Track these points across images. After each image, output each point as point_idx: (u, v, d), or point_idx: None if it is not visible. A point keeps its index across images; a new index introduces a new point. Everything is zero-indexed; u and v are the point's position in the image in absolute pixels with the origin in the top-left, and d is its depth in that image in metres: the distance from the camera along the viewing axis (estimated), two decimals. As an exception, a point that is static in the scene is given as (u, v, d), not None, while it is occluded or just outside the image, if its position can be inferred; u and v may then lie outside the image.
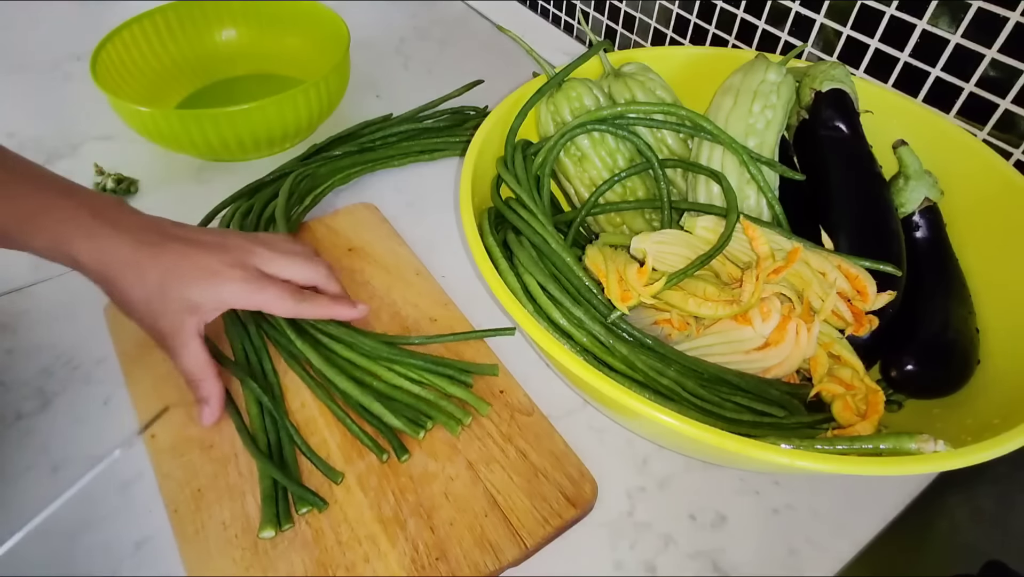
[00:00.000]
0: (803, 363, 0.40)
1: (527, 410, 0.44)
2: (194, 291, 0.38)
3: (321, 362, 0.43)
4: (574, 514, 0.39)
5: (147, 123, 0.56)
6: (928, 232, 0.46)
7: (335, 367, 0.43)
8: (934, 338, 0.41)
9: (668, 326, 0.41)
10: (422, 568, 0.36)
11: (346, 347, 0.44)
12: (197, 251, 0.39)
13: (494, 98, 0.66)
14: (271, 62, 0.74)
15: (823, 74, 0.47)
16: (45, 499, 0.37)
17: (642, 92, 0.50)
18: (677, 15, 0.69)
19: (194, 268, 0.38)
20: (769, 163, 0.46)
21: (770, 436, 0.35)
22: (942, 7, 0.48)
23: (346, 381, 0.42)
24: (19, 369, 0.45)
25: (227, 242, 0.41)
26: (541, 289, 0.38)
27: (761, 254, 0.40)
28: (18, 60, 0.78)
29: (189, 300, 0.38)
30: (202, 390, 0.40)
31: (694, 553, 0.39)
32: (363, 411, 0.42)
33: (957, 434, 0.35)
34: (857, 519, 0.40)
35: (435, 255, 0.55)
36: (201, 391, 0.40)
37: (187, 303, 0.38)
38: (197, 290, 0.38)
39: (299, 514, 0.38)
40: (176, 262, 0.38)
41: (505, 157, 0.47)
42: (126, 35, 0.65)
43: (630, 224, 0.49)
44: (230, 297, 0.39)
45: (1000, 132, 0.49)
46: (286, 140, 0.63)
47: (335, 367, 0.43)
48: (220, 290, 0.39)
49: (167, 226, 0.40)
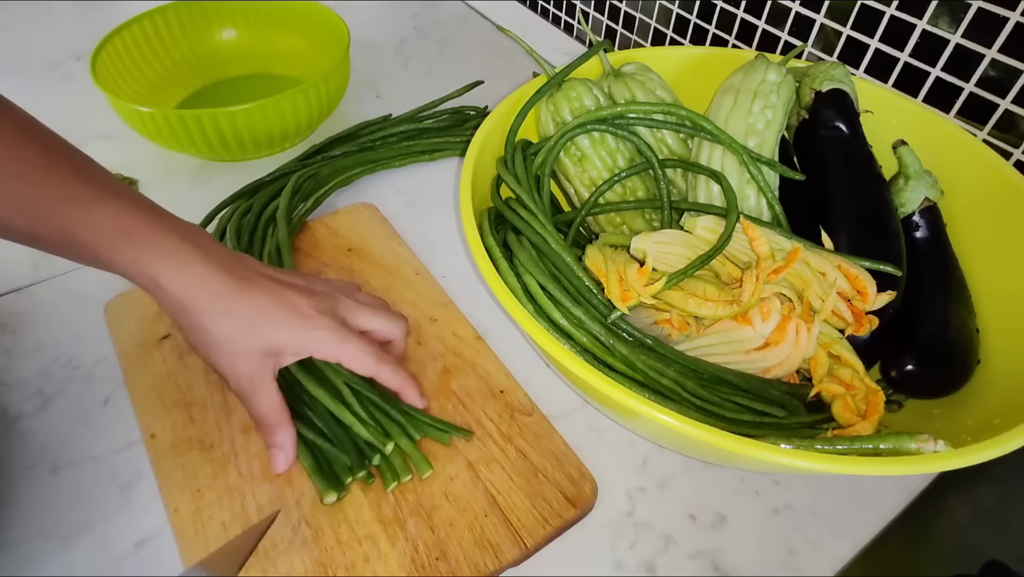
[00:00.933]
0: (803, 363, 0.40)
1: (527, 410, 0.44)
2: (282, 333, 0.36)
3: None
4: (574, 514, 0.39)
5: (147, 123, 0.56)
6: (928, 232, 0.46)
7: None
8: (934, 338, 0.41)
9: (668, 326, 0.41)
10: (422, 568, 0.36)
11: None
12: (288, 292, 0.38)
13: (494, 98, 0.66)
14: (271, 62, 0.74)
15: (823, 74, 0.47)
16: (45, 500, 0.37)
17: (642, 92, 0.50)
18: (677, 15, 0.69)
19: (286, 309, 0.37)
20: (769, 163, 0.46)
21: (770, 436, 0.35)
22: (942, 7, 0.48)
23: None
24: (19, 369, 0.45)
25: (314, 287, 0.39)
26: (541, 289, 0.38)
27: (761, 254, 0.40)
28: (18, 60, 0.78)
29: (275, 342, 0.36)
30: (277, 436, 0.38)
31: (694, 553, 0.39)
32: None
33: (957, 434, 0.35)
34: (857, 519, 0.40)
35: (435, 255, 0.55)
36: (276, 437, 0.38)
37: (272, 345, 0.36)
38: (285, 332, 0.37)
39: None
40: (269, 301, 0.37)
41: (505, 157, 0.47)
42: (126, 35, 0.65)
43: (630, 224, 0.49)
44: (314, 345, 0.38)
45: (1000, 132, 0.49)
46: (286, 140, 0.63)
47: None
48: (307, 336, 0.37)
49: (254, 263, 0.39)
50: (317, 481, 0.38)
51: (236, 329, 0.36)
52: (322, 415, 0.41)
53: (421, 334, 0.48)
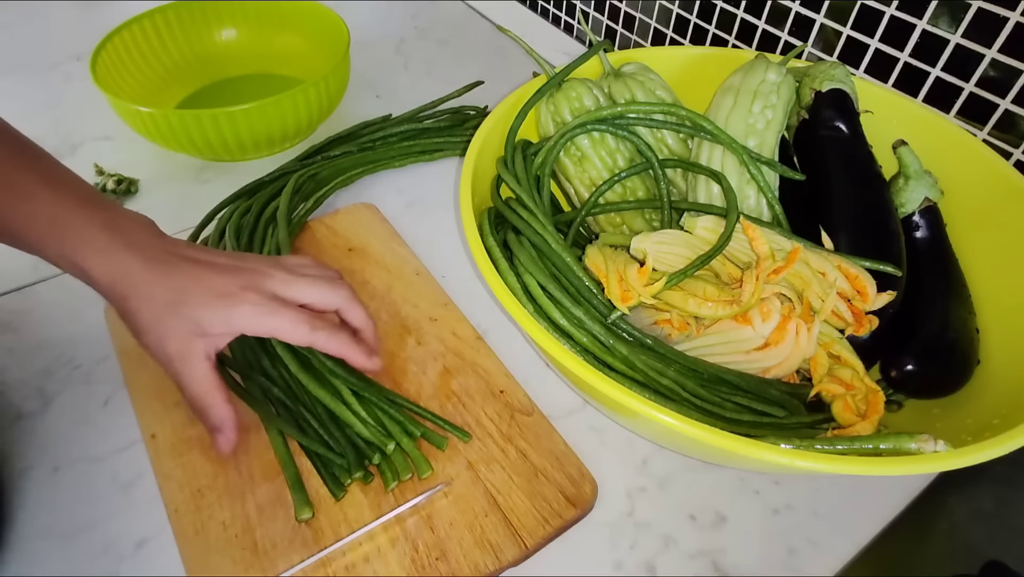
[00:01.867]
0: (803, 363, 0.40)
1: (527, 410, 0.44)
2: (203, 313, 0.36)
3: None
4: (574, 514, 0.39)
5: (147, 123, 0.56)
6: (928, 232, 0.46)
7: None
8: (934, 338, 0.41)
9: (668, 326, 0.41)
10: (422, 568, 0.36)
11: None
12: (209, 272, 0.37)
13: (494, 98, 0.66)
14: (271, 62, 0.74)
15: (823, 74, 0.47)
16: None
17: (642, 92, 0.50)
18: (677, 15, 0.69)
19: (204, 290, 0.37)
20: (769, 163, 0.46)
21: (770, 436, 0.35)
22: (942, 7, 0.48)
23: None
24: (19, 369, 0.45)
25: (242, 265, 0.39)
26: (541, 289, 0.38)
27: (761, 254, 0.40)
28: (18, 60, 0.78)
29: (198, 323, 0.36)
30: (212, 417, 0.37)
31: (694, 553, 0.39)
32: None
33: (957, 434, 0.35)
34: (857, 519, 0.40)
35: (435, 255, 0.55)
36: (211, 418, 0.38)
37: (195, 326, 0.36)
38: (206, 312, 0.36)
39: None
40: (186, 283, 0.37)
41: (505, 157, 0.47)
42: (126, 35, 0.65)
43: (630, 224, 0.49)
44: (240, 321, 0.37)
45: (1000, 132, 0.49)
46: (286, 140, 0.63)
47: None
48: (230, 313, 0.37)
49: (182, 247, 0.39)
50: (295, 496, 0.38)
51: (157, 312, 0.36)
52: (320, 416, 0.41)
53: (421, 334, 0.48)
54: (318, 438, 0.40)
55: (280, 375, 0.43)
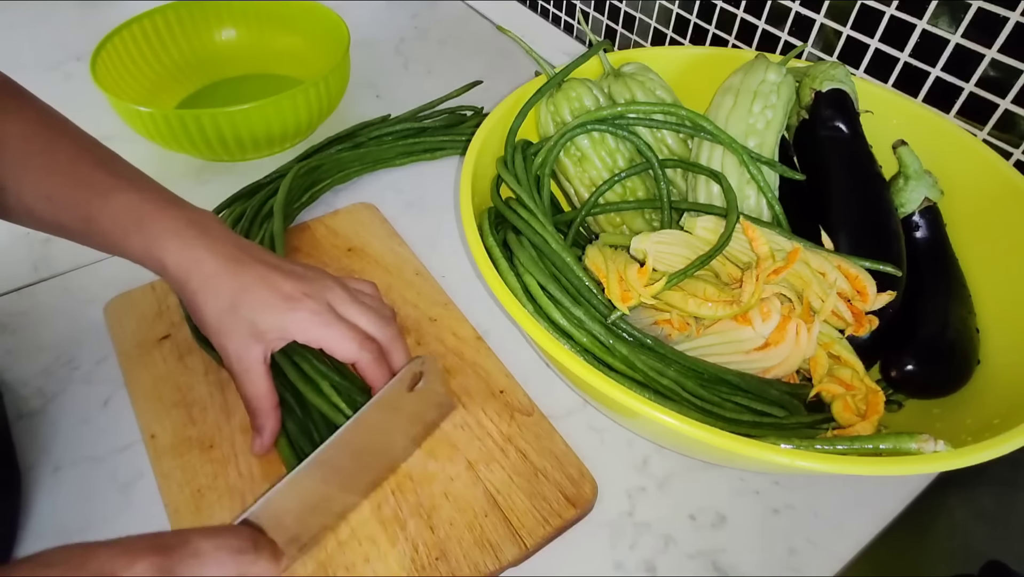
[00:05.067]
0: (803, 363, 0.40)
1: (527, 410, 0.44)
2: (262, 315, 0.37)
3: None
4: (574, 514, 0.39)
5: (147, 123, 0.56)
6: (928, 232, 0.46)
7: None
8: (934, 338, 0.41)
9: (668, 326, 0.41)
10: (422, 568, 0.36)
11: None
12: (276, 275, 0.38)
13: (494, 98, 0.66)
14: (271, 62, 0.74)
15: (823, 74, 0.47)
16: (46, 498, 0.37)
17: (642, 92, 0.50)
18: (677, 15, 0.69)
19: (268, 291, 0.37)
20: (769, 163, 0.46)
21: (770, 436, 0.35)
22: (942, 7, 0.48)
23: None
24: (19, 369, 0.45)
25: (308, 274, 0.40)
26: (541, 289, 0.38)
27: (761, 254, 0.40)
28: (18, 60, 0.78)
29: (256, 325, 0.37)
30: (258, 420, 0.39)
31: (694, 553, 0.39)
32: None
33: (957, 434, 0.35)
34: (857, 519, 0.40)
35: (435, 255, 0.55)
36: (257, 420, 0.39)
37: (254, 328, 0.37)
38: (265, 315, 0.37)
39: None
40: (253, 283, 0.37)
41: (505, 157, 0.47)
42: (126, 35, 0.65)
43: (630, 224, 0.49)
44: (294, 326, 0.37)
45: (1000, 132, 0.49)
46: (286, 140, 0.63)
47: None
48: (287, 317, 0.37)
49: (256, 249, 0.40)
50: None
51: (222, 308, 0.37)
52: (316, 420, 0.41)
53: (421, 334, 0.48)
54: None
55: (279, 372, 0.43)
